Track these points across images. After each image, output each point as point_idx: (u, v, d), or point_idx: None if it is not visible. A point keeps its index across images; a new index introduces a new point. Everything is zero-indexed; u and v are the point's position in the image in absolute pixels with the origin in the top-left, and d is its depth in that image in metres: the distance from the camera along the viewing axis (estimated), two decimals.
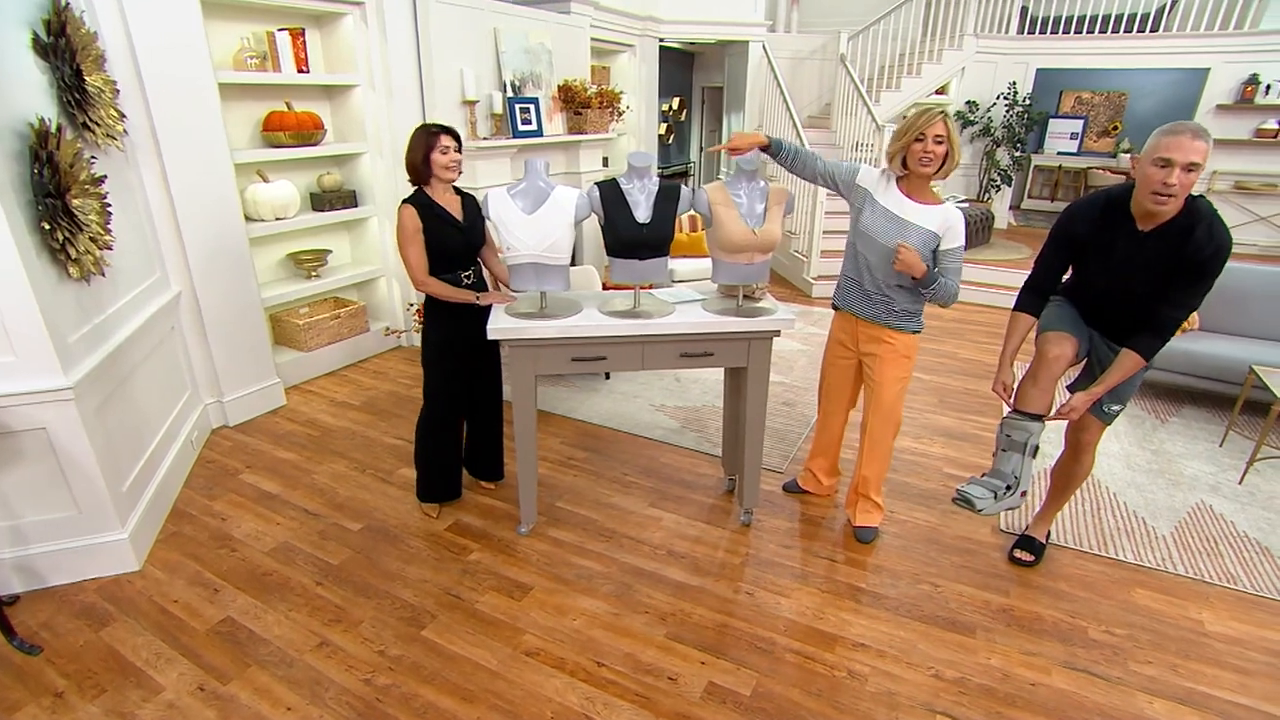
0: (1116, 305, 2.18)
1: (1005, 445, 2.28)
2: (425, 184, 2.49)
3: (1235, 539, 2.74)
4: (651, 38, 7.01)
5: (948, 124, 2.23)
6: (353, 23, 3.97)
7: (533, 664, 2.12)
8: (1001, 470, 2.27)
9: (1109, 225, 2.09)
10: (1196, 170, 1.86)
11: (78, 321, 2.35)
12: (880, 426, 2.60)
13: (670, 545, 2.69)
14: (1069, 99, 9.03)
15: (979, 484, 2.27)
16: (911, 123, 2.25)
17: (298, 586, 2.45)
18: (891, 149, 2.34)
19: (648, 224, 2.38)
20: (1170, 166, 1.86)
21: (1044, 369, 2.22)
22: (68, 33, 2.38)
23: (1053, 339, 2.23)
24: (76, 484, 2.33)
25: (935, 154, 2.24)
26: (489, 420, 2.91)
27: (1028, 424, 2.23)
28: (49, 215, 2.17)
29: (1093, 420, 2.37)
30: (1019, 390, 2.30)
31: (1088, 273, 2.22)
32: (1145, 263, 2.03)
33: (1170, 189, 1.87)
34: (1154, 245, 2.01)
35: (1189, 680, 2.08)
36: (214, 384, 3.51)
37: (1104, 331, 2.28)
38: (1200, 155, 1.84)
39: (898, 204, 2.36)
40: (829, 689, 2.04)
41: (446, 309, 2.56)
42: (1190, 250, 1.94)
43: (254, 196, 3.70)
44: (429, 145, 2.43)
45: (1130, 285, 2.08)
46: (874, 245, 2.39)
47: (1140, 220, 2.03)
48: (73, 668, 2.07)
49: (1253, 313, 3.86)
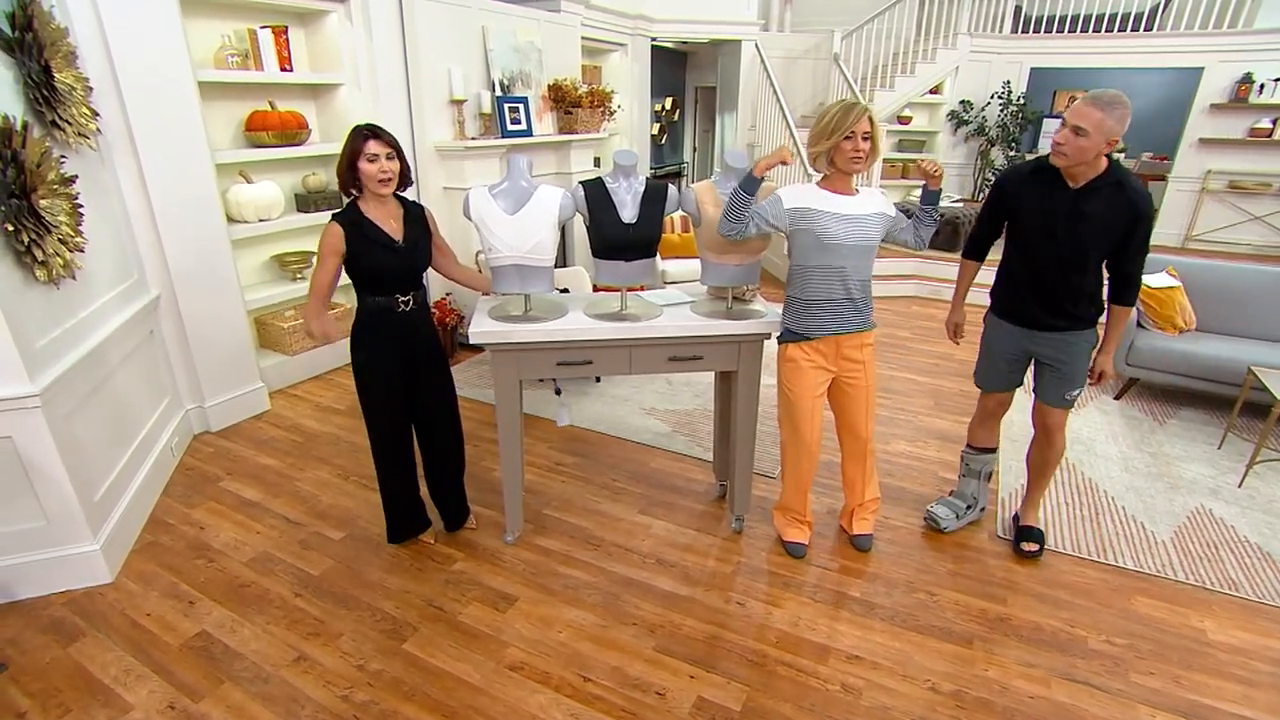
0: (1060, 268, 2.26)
1: (965, 472, 2.79)
2: (357, 194, 2.21)
3: (1236, 544, 2.69)
4: (643, 37, 6.96)
5: (873, 119, 2.17)
6: (337, 20, 3.90)
7: (517, 678, 2.05)
8: (963, 492, 2.80)
9: (1040, 183, 2.25)
10: (1083, 135, 2.02)
11: (46, 326, 2.28)
12: (872, 430, 2.52)
13: (660, 553, 2.63)
14: (1063, 98, 8.98)
15: (944, 504, 2.78)
16: (839, 121, 2.15)
17: (276, 598, 2.37)
18: (816, 150, 2.22)
19: (634, 224, 2.32)
20: (1065, 126, 2.08)
21: (989, 417, 2.71)
22: (35, 27, 2.31)
23: (993, 397, 2.66)
24: (45, 494, 2.25)
25: (864, 151, 2.17)
26: (445, 453, 2.58)
27: (983, 456, 2.75)
28: (13, 216, 2.10)
29: (1054, 409, 2.48)
30: (972, 430, 2.77)
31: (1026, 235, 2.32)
32: (1091, 216, 2.16)
33: (1059, 146, 2.09)
34: (1092, 201, 2.15)
35: (1192, 692, 2.02)
36: (195, 389, 3.43)
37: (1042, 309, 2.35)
38: (1087, 121, 2.01)
39: (840, 204, 2.26)
40: (822, 703, 1.98)
41: (367, 324, 2.30)
42: (1130, 205, 2.12)
43: (237, 197, 3.62)
44: (354, 151, 2.11)
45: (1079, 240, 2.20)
46: (844, 251, 2.24)
47: (1068, 178, 2.18)
48: (38, 686, 1.99)
49: (1250, 313, 3.82)
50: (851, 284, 2.30)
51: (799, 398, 2.42)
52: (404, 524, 2.62)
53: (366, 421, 2.41)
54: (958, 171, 8.62)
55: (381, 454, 2.46)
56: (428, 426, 2.51)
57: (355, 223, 2.18)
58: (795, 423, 2.46)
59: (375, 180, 2.14)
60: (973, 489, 2.77)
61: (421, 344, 2.39)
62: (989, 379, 2.63)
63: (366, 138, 2.12)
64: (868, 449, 2.54)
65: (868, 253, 2.30)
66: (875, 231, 2.28)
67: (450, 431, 2.54)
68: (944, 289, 6.20)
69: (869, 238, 2.27)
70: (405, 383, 2.39)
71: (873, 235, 2.28)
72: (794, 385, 2.42)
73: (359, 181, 2.16)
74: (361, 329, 2.32)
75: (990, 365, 2.61)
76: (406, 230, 2.26)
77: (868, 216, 2.27)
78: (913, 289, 6.38)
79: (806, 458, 2.51)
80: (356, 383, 2.37)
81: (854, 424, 2.51)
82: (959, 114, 8.20)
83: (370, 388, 2.35)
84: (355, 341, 2.34)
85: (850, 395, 2.47)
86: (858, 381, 2.44)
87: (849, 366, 2.43)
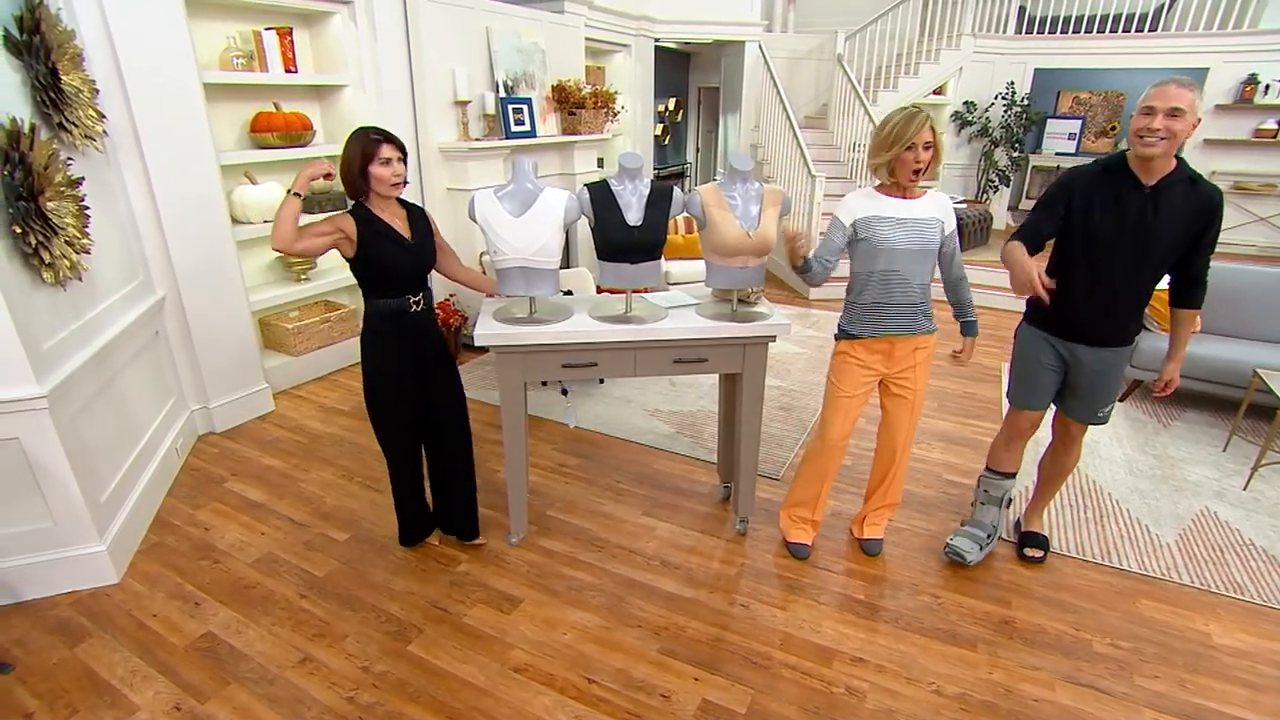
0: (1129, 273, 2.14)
1: (983, 499, 2.64)
2: (363, 198, 2.18)
3: (1241, 547, 2.69)
4: (647, 38, 6.96)
5: (934, 127, 2.15)
6: (341, 22, 3.91)
7: (521, 680, 2.06)
8: (982, 521, 2.63)
9: (1110, 183, 2.12)
10: (1181, 116, 1.91)
11: (53, 328, 2.29)
12: (909, 440, 2.50)
13: (664, 555, 2.63)
14: (1067, 99, 8.98)
15: (964, 536, 2.59)
16: (900, 131, 2.12)
17: (281, 599, 2.38)
18: (877, 160, 2.21)
19: (639, 226, 2.32)
20: (1153, 113, 1.94)
21: (1017, 437, 2.54)
22: (42, 30, 2.31)
23: (1027, 415, 2.49)
24: (51, 495, 2.26)
25: (925, 161, 2.15)
26: (454, 460, 2.55)
27: (1002, 481, 2.60)
28: (21, 218, 2.11)
29: (1086, 425, 2.44)
30: (995, 452, 2.61)
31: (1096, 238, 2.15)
32: (1169, 215, 2.05)
33: (1155, 132, 1.94)
34: (1169, 199, 2.04)
35: (1197, 696, 2.02)
36: (200, 390, 3.44)
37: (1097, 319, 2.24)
38: (1183, 102, 1.91)
39: (896, 208, 2.24)
40: (826, 706, 1.98)
41: (378, 328, 2.27)
42: (1204, 201, 2.03)
43: (242, 199, 3.63)
44: (367, 155, 2.09)
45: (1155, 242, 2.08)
46: (900, 255, 2.23)
47: (1142, 175, 2.06)
48: (45, 687, 2.00)
49: (1256, 315, 3.81)
50: (911, 288, 2.28)
51: (837, 392, 2.43)
52: (416, 526, 2.63)
53: (376, 425, 2.39)
54: (961, 173, 8.61)
55: (395, 457, 2.45)
56: (437, 428, 2.49)
57: (367, 220, 2.16)
58: (827, 415, 2.46)
59: (388, 184, 2.13)
60: (992, 517, 2.62)
61: (431, 345, 2.38)
62: (1030, 395, 2.46)
63: (378, 141, 2.09)
64: (901, 456, 2.52)
65: (926, 257, 2.26)
66: (934, 235, 2.24)
67: (460, 433, 2.52)
68: None
69: (927, 241, 2.23)
70: (417, 384, 2.37)
71: (931, 239, 2.23)
72: (837, 378, 2.44)
73: (368, 185, 2.14)
74: (372, 333, 2.29)
75: (1031, 380, 2.44)
76: (413, 230, 2.25)
77: (927, 221, 2.23)
78: None
79: (829, 452, 2.48)
80: (366, 386, 2.34)
81: (894, 430, 2.48)
82: (963, 115, 8.20)
83: (382, 390, 2.33)
84: (366, 346, 2.31)
85: (897, 400, 2.44)
86: (907, 385, 2.41)
87: (900, 369, 2.40)
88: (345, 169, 2.13)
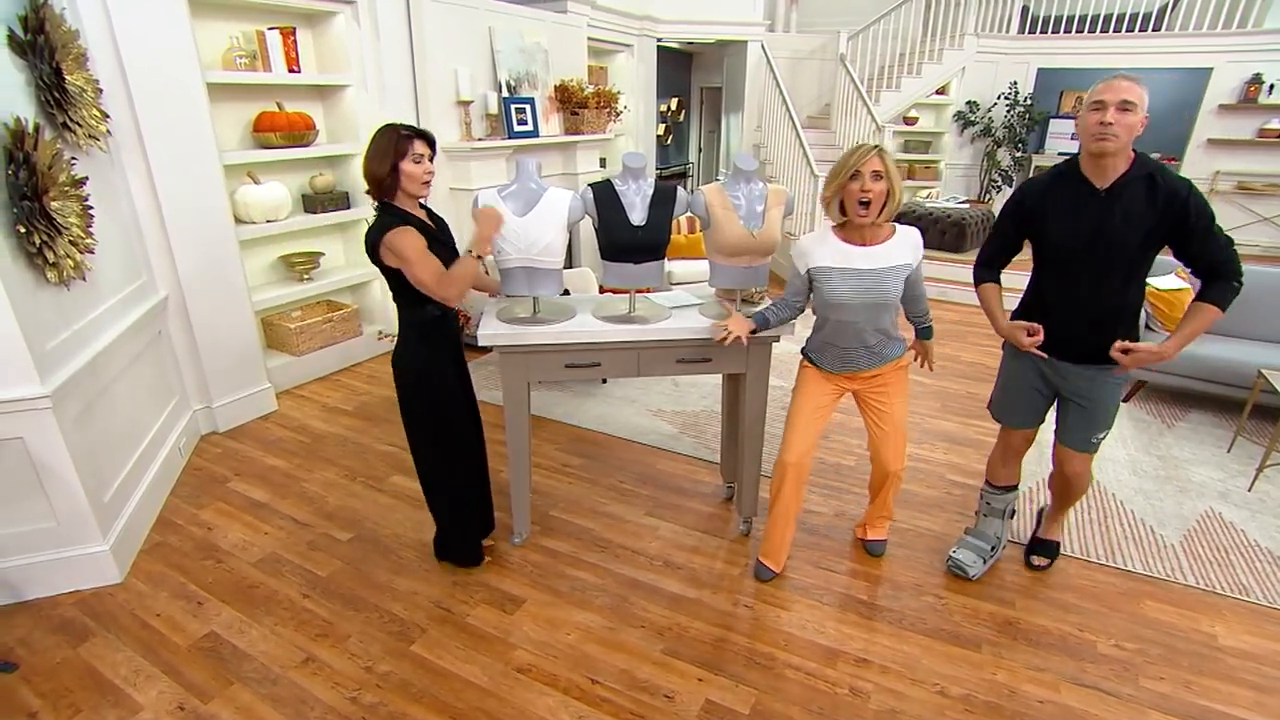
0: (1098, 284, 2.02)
1: (986, 511, 2.58)
2: (389, 198, 2.06)
3: (1246, 548, 2.68)
4: (649, 37, 6.95)
5: (884, 158, 2.00)
6: (344, 22, 3.91)
7: (524, 681, 2.05)
8: (985, 533, 2.57)
9: (1063, 191, 2.04)
10: (1133, 109, 1.85)
11: (56, 327, 2.29)
12: (899, 457, 2.39)
13: (667, 555, 2.63)
14: (1070, 99, 8.94)
15: (968, 548, 2.54)
16: (844, 161, 2.03)
17: (284, 599, 2.38)
18: (826, 194, 2.11)
19: (643, 226, 2.32)
20: (1104, 108, 1.87)
21: (1013, 456, 2.48)
22: (46, 30, 2.32)
23: (1015, 433, 2.43)
24: (55, 494, 2.27)
25: (873, 192, 1.99)
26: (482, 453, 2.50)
27: (1004, 495, 2.55)
28: (25, 218, 2.11)
29: (1076, 454, 2.28)
30: (992, 467, 2.55)
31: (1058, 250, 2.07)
32: (1123, 219, 1.95)
33: (1108, 128, 1.86)
34: (1122, 202, 1.95)
35: (1203, 698, 2.01)
36: (203, 389, 3.44)
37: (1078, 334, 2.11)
38: (1133, 95, 1.85)
39: (852, 257, 2.11)
40: (830, 707, 1.97)
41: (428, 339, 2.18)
42: (1166, 196, 1.91)
43: (244, 198, 3.63)
44: (399, 152, 1.99)
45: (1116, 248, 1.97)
46: (851, 309, 2.14)
47: (1094, 178, 1.98)
48: (49, 686, 2.00)
49: (1260, 315, 3.79)
50: (866, 334, 2.20)
51: (799, 406, 2.35)
52: (483, 533, 2.56)
53: (439, 444, 2.29)
54: (964, 172, 8.60)
55: (464, 458, 2.37)
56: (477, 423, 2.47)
57: (420, 226, 2.05)
58: (785, 433, 2.36)
59: (419, 182, 2.04)
60: (995, 529, 2.56)
61: (460, 348, 2.35)
62: (1011, 413, 2.40)
63: (409, 137, 2.00)
64: (893, 478, 2.44)
65: (884, 308, 2.15)
66: (893, 286, 2.11)
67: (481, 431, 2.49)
68: (951, 289, 6.19)
69: (886, 293, 2.11)
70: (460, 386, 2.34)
71: (889, 291, 2.11)
72: (799, 389, 2.39)
73: (398, 184, 2.03)
74: (421, 345, 2.18)
75: (1012, 398, 2.37)
76: (440, 232, 2.19)
77: (886, 271, 2.10)
78: None
79: (788, 477, 2.32)
80: (423, 404, 2.22)
81: (879, 447, 2.39)
82: (965, 115, 8.18)
83: (447, 404, 2.26)
84: (417, 360, 2.18)
85: (877, 420, 2.36)
86: (882, 404, 2.33)
87: (871, 388, 2.34)
88: (374, 167, 2.01)
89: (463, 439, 2.36)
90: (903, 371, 2.35)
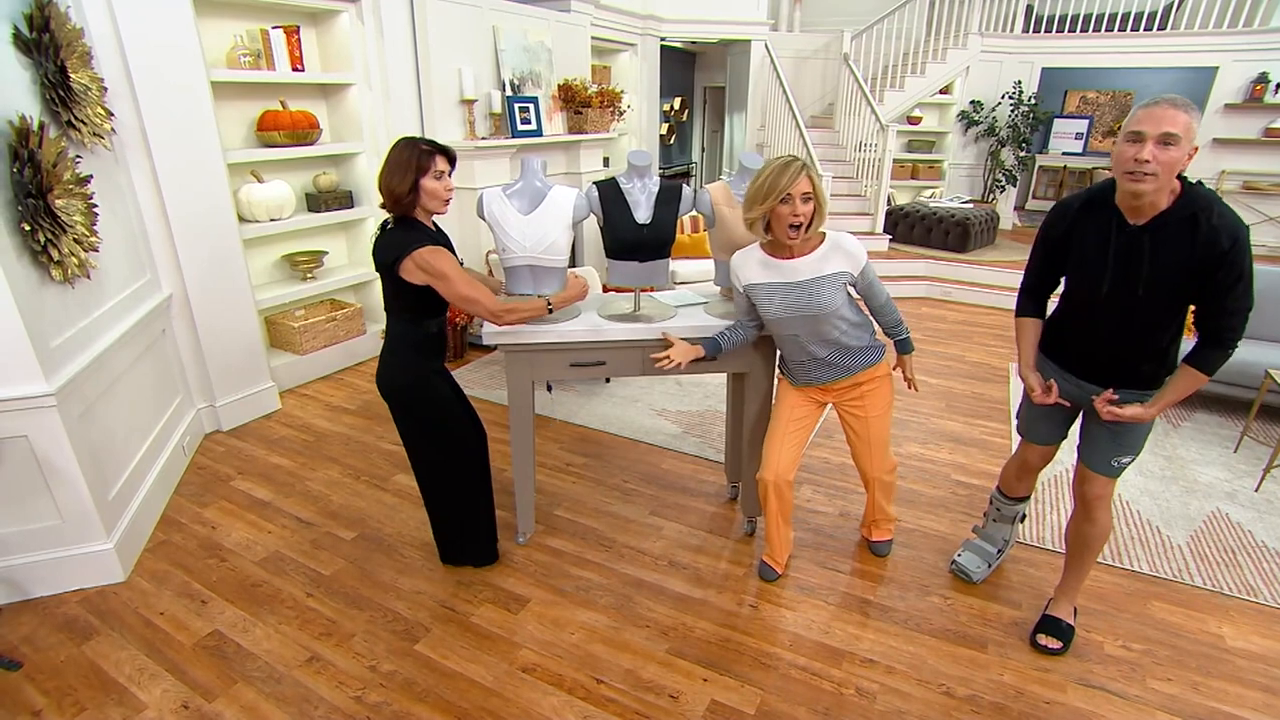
0: (1125, 323, 1.83)
1: (995, 517, 2.53)
2: (408, 214, 1.99)
3: (1253, 549, 2.66)
4: (653, 37, 6.95)
5: (812, 177, 1.95)
6: (349, 20, 3.90)
7: (529, 680, 2.05)
8: (992, 536, 2.54)
9: (1091, 221, 1.81)
10: (1175, 144, 1.58)
11: (61, 326, 2.29)
12: (882, 466, 2.39)
13: (672, 555, 2.62)
14: (1074, 98, 8.94)
15: (972, 552, 2.52)
16: (773, 182, 1.93)
17: (288, 598, 2.37)
18: (752, 215, 2.02)
19: (648, 225, 2.31)
20: (1142, 141, 1.60)
21: (1028, 470, 2.36)
22: (51, 28, 2.32)
23: (1035, 449, 2.29)
24: (60, 493, 2.26)
25: (804, 215, 1.96)
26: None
27: (1015, 505, 2.48)
28: (30, 216, 2.11)
29: (1098, 476, 2.04)
30: (1006, 478, 2.45)
31: (1085, 282, 1.87)
32: (1149, 262, 1.71)
33: (1143, 165, 1.60)
34: (1153, 242, 1.70)
35: (1211, 699, 2.00)
36: (207, 388, 3.44)
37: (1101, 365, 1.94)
38: (1178, 126, 1.57)
39: (780, 272, 2.08)
40: (836, 707, 1.96)
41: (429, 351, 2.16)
42: (1203, 247, 1.65)
43: (248, 197, 3.63)
44: (421, 168, 1.91)
45: (1133, 290, 1.76)
46: (798, 323, 2.11)
47: (1129, 213, 1.73)
48: (53, 684, 2.00)
49: (1268, 315, 3.76)
50: (812, 347, 2.17)
51: (775, 420, 2.35)
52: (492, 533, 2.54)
53: (454, 454, 2.29)
54: (968, 172, 8.58)
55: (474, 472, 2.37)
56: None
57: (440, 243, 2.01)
58: (764, 448, 2.34)
59: (440, 199, 1.98)
60: (1004, 533, 2.52)
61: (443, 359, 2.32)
62: (1034, 429, 2.23)
63: (431, 153, 1.92)
64: (880, 483, 2.45)
65: (821, 319, 2.09)
66: (828, 296, 2.05)
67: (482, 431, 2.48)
68: (955, 290, 6.17)
69: (818, 306, 2.06)
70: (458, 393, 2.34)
71: (824, 302, 2.06)
72: (776, 404, 2.40)
73: (417, 200, 1.95)
74: (416, 355, 2.15)
75: (1037, 413, 2.18)
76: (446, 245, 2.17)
77: (818, 281, 2.05)
78: (924, 290, 6.34)
79: (771, 494, 2.31)
80: (433, 418, 2.21)
81: (859, 457, 2.41)
82: (969, 114, 8.16)
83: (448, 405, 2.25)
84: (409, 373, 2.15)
85: (854, 428, 2.35)
86: (858, 412, 2.31)
87: (851, 403, 2.32)
88: (393, 183, 1.92)
89: (468, 439, 2.35)
90: (882, 380, 2.30)
